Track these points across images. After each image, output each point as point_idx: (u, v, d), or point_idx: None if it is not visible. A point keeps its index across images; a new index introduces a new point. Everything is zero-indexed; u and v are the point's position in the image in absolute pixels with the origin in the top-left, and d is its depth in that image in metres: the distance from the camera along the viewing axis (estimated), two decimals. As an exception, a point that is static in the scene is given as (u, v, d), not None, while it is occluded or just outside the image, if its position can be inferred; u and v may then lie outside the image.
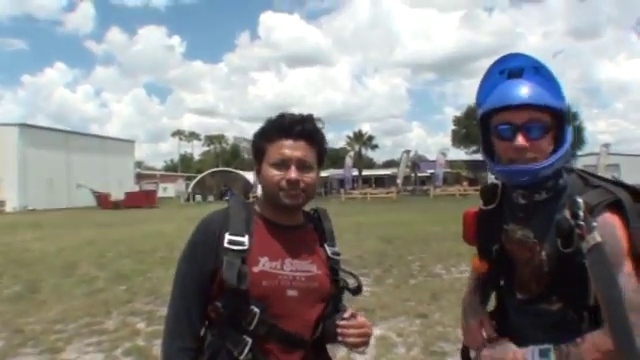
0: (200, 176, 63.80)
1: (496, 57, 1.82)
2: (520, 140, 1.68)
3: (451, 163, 72.66)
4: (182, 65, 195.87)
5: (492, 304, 2.08)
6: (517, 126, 1.69)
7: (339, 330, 1.94)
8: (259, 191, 2.13)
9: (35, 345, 6.36)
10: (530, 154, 1.69)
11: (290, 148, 1.93)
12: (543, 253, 1.75)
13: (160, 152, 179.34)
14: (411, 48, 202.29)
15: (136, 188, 57.19)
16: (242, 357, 1.82)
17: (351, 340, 1.93)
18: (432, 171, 63.20)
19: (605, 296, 1.54)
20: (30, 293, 9.34)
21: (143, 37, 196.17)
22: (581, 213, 1.60)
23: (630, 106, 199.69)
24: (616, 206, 1.65)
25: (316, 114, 2.05)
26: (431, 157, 71.00)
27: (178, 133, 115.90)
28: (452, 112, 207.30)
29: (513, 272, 1.86)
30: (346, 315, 1.97)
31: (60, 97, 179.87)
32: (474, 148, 79.95)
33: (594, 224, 1.58)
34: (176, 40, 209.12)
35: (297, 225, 2.07)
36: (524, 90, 1.69)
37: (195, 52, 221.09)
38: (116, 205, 45.12)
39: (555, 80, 1.72)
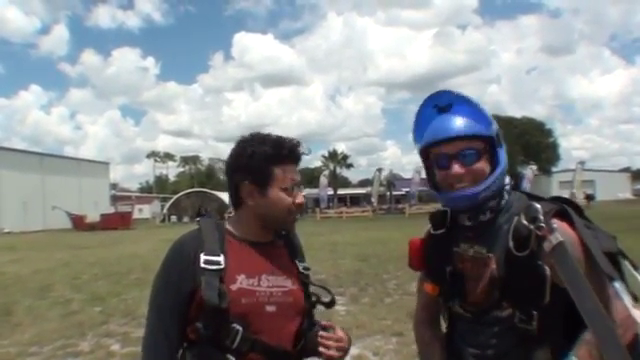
0: (175, 197, 63.50)
1: (470, 74, 2.05)
2: (455, 168, 1.83)
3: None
4: (156, 86, 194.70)
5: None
6: (451, 155, 1.84)
7: (320, 341, 2.00)
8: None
9: (10, 368, 6.28)
10: (467, 179, 1.82)
11: (295, 172, 2.02)
12: (493, 264, 1.85)
13: (135, 174, 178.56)
14: (385, 67, 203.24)
15: (112, 210, 56.84)
16: None
17: (331, 353, 1.99)
18: (407, 189, 63.42)
19: (576, 287, 1.61)
20: (4, 316, 9.26)
21: (117, 59, 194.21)
22: (541, 216, 1.72)
23: (604, 122, 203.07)
24: (561, 213, 1.80)
25: (291, 134, 2.10)
26: (406, 175, 71.29)
27: (153, 154, 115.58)
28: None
29: (464, 289, 1.94)
30: (324, 325, 2.06)
31: (35, 119, 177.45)
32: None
33: (555, 225, 1.71)
34: (150, 62, 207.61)
35: (269, 241, 2.08)
36: (454, 123, 1.84)
37: (169, 73, 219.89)
38: (92, 227, 44.64)
39: (481, 109, 1.85)
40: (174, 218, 59.03)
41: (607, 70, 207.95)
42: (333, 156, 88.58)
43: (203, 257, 1.88)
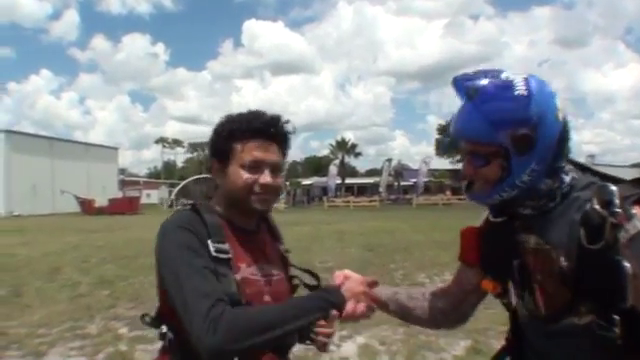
0: (183, 183, 63.49)
1: (481, 66, 1.76)
2: (465, 167, 1.65)
3: (434, 172, 72.84)
4: (165, 72, 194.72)
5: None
6: (465, 152, 1.64)
7: (315, 329, 1.96)
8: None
9: (19, 348, 6.37)
10: (476, 180, 1.64)
11: (264, 150, 1.84)
12: (561, 258, 1.56)
13: (144, 159, 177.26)
14: (395, 56, 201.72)
15: (120, 194, 56.92)
16: None
17: (321, 339, 2.00)
18: (415, 180, 63.24)
19: None
20: (14, 297, 9.33)
21: (127, 45, 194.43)
22: (617, 200, 1.44)
23: (616, 116, 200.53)
24: None
25: (300, 122, 2.03)
26: (414, 166, 71.04)
27: (161, 140, 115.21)
28: (436, 121, 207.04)
29: (532, 288, 1.67)
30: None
31: (45, 104, 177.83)
32: (458, 157, 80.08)
33: (633, 211, 1.44)
34: (160, 48, 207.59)
35: (255, 229, 1.98)
36: (459, 122, 1.60)
37: (178, 60, 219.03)
38: (100, 211, 44.82)
39: (512, 104, 1.51)
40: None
41: (620, 64, 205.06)
42: (341, 145, 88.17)
43: (213, 245, 1.71)
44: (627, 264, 1.41)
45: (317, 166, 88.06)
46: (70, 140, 68.28)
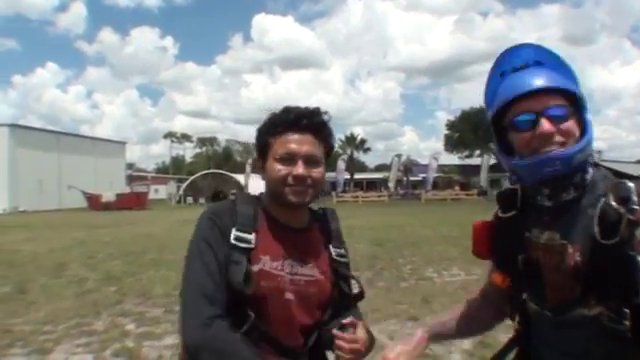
0: (192, 178, 63.57)
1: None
2: (545, 125, 1.53)
3: (443, 167, 72.75)
4: (174, 67, 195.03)
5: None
6: (538, 112, 1.54)
7: (335, 341, 1.82)
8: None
9: (24, 346, 6.32)
10: (558, 138, 1.54)
11: (297, 142, 1.84)
12: (577, 253, 1.57)
13: (152, 154, 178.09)
14: (405, 52, 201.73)
15: (127, 190, 56.97)
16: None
17: (341, 354, 1.81)
18: (424, 175, 63.17)
19: None
20: (19, 294, 9.29)
21: (135, 38, 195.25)
22: (634, 197, 1.44)
23: (622, 113, 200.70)
24: None
25: None
26: (423, 161, 71.02)
27: (170, 135, 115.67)
28: (445, 116, 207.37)
29: (541, 282, 1.67)
30: (345, 322, 1.85)
31: (51, 98, 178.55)
32: (467, 153, 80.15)
33: None
34: (169, 41, 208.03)
35: (302, 227, 1.96)
36: (536, 76, 1.57)
37: (187, 54, 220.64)
38: (107, 206, 44.82)
39: (565, 64, 1.63)
40: (190, 199, 59.02)
41: (627, 61, 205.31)
42: (351, 140, 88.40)
43: (234, 232, 1.78)
44: None
45: (327, 161, 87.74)
46: (77, 134, 68.31)
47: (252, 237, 1.79)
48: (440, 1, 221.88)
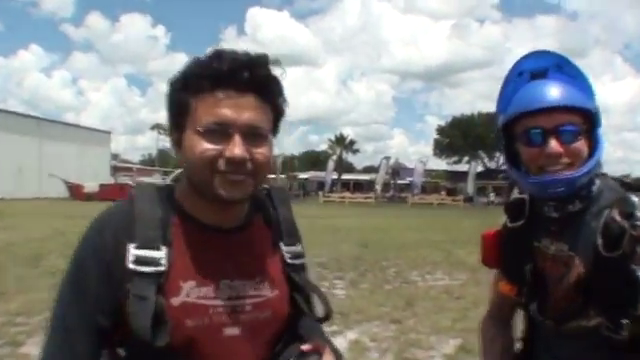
0: (178, 172, 62.84)
1: (484, 70, 1.73)
2: (553, 145, 1.51)
3: (431, 172, 73.07)
4: (165, 57, 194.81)
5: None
6: (548, 130, 1.52)
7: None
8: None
9: (-6, 338, 6.10)
10: (565, 160, 1.52)
11: (232, 107, 1.23)
12: (580, 264, 1.58)
13: (138, 145, 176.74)
14: (400, 55, 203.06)
15: (111, 180, 56.41)
16: None
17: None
18: (411, 179, 63.45)
19: None
20: (-8, 284, 9.03)
21: (125, 25, 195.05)
22: (638, 213, 1.45)
23: (610, 129, 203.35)
24: None
25: (299, 115, 1.59)
26: (411, 165, 71.12)
27: (157, 127, 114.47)
28: (435, 121, 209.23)
29: (546, 292, 1.67)
30: (305, 349, 1.31)
31: (34, 82, 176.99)
32: (455, 158, 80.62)
33: None
34: (160, 30, 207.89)
35: (239, 225, 1.39)
36: (553, 91, 1.54)
37: (179, 44, 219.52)
38: (89, 197, 44.12)
39: (583, 77, 1.59)
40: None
41: (618, 77, 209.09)
42: (340, 141, 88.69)
43: (133, 251, 1.23)
44: None
45: (315, 160, 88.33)
46: (60, 121, 67.40)
47: (162, 254, 1.24)
48: (437, 5, 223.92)
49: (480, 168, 58.55)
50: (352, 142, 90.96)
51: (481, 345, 1.96)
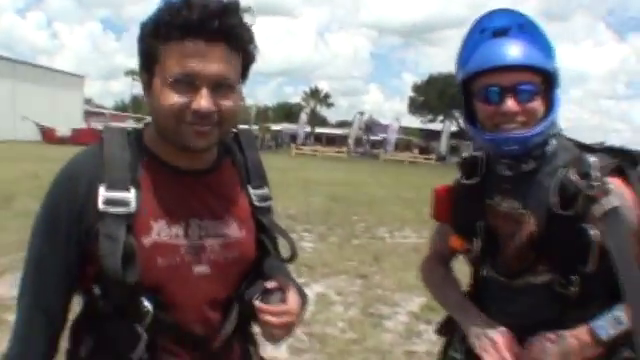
0: (150, 118, 62.33)
1: (463, 28, 1.70)
2: (510, 104, 1.55)
3: (405, 129, 72.94)
4: (141, 1, 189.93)
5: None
6: (505, 88, 1.55)
7: (259, 315, 1.41)
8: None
9: (-36, 277, 6.08)
10: (520, 118, 1.56)
11: (200, 57, 1.25)
12: (532, 221, 1.62)
13: (111, 91, 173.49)
14: (379, 9, 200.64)
15: (84, 125, 55.68)
16: (135, 356, 1.31)
17: (266, 330, 1.42)
18: (384, 135, 63.26)
19: (621, 260, 1.43)
20: (-39, 224, 8.93)
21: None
22: (595, 173, 1.49)
23: (587, 94, 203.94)
24: (618, 171, 1.55)
25: (274, 67, 1.63)
26: (385, 121, 70.91)
27: (132, 73, 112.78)
28: (411, 78, 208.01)
29: (497, 248, 1.71)
30: (270, 286, 1.43)
31: (8, 23, 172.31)
32: (430, 117, 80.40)
33: (610, 186, 1.48)
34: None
35: (208, 168, 1.46)
36: (512, 49, 1.56)
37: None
38: (62, 141, 43.62)
39: (545, 38, 1.60)
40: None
41: (599, 43, 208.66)
42: (314, 94, 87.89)
43: (103, 193, 1.28)
44: (592, 232, 1.48)
45: (288, 112, 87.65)
46: (34, 64, 65.83)
47: (131, 195, 1.30)
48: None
49: (454, 128, 58.50)
50: (327, 96, 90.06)
51: (434, 283, 2.01)
